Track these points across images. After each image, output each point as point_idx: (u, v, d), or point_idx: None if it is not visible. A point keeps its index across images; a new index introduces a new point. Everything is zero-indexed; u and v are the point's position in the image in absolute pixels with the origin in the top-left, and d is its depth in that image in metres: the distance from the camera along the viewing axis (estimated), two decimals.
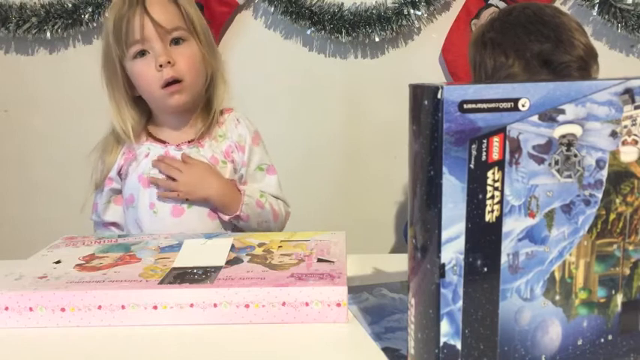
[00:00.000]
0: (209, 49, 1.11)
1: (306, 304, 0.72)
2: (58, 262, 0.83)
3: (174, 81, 1.05)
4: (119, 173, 1.13)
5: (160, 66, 1.04)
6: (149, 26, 1.03)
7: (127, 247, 0.89)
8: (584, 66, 0.97)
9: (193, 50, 1.08)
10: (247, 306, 0.72)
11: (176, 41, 1.06)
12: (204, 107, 1.14)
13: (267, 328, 0.72)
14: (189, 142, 1.12)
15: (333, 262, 0.80)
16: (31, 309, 0.73)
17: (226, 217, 1.09)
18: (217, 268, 0.78)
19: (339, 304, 0.72)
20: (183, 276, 0.76)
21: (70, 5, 1.71)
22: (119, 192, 1.15)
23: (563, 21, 0.99)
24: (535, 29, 0.97)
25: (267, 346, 0.68)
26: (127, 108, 1.10)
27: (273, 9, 1.71)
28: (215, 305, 0.72)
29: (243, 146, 1.15)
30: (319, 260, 0.80)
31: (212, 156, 1.11)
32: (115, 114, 1.10)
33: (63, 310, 0.73)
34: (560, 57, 0.96)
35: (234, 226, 1.12)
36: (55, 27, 1.72)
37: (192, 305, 0.72)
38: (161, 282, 0.75)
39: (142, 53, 1.05)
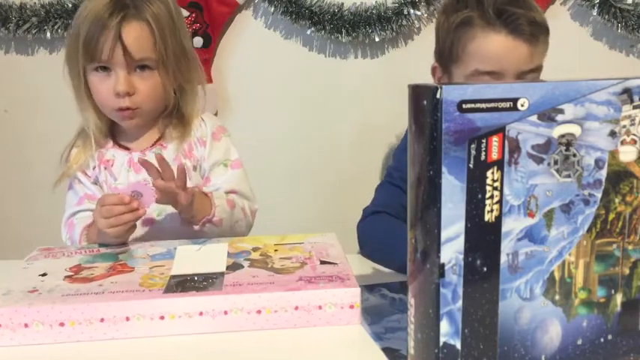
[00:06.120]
0: (180, 67, 1.08)
1: (319, 307, 0.71)
2: (44, 274, 0.79)
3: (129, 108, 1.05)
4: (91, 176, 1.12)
5: (118, 94, 1.03)
6: (119, 52, 1.01)
7: (115, 257, 0.86)
8: (535, 30, 1.02)
9: (156, 80, 1.06)
10: (259, 312, 0.71)
11: (142, 67, 1.05)
12: (170, 112, 1.12)
13: (275, 332, 0.71)
14: (152, 145, 1.11)
15: (336, 263, 0.80)
16: (26, 325, 0.69)
17: (198, 225, 1.03)
18: (219, 274, 0.77)
19: (352, 306, 0.72)
20: (184, 283, 0.74)
21: (70, 5, 1.70)
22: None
23: None
24: None
25: (278, 352, 0.68)
26: (90, 110, 1.09)
27: (273, 9, 1.71)
28: (225, 312, 0.70)
29: (205, 141, 1.13)
30: (322, 262, 0.80)
31: (176, 156, 1.10)
32: (80, 112, 1.10)
33: (62, 324, 0.69)
34: (513, 9, 1.02)
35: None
36: (55, 27, 1.71)
37: (201, 314, 0.70)
38: (166, 291, 0.72)
39: (105, 68, 1.04)
